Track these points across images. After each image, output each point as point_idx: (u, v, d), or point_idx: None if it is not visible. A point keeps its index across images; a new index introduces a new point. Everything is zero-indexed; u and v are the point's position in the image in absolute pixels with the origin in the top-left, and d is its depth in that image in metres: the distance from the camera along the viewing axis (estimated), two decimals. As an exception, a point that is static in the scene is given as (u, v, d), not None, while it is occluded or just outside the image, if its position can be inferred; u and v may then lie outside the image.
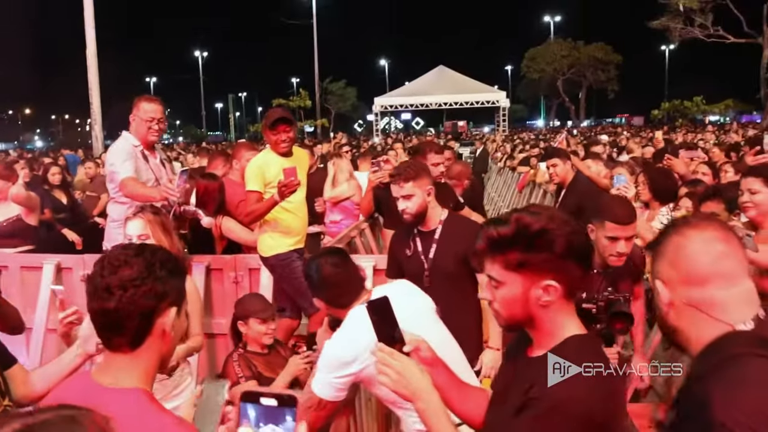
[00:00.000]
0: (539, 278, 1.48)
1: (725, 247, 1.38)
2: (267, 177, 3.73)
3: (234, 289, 4.27)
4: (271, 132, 3.76)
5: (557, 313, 1.52)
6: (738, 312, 1.35)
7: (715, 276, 1.36)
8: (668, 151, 5.18)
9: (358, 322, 2.21)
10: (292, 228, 3.89)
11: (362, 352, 2.12)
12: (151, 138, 3.86)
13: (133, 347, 1.40)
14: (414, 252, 3.18)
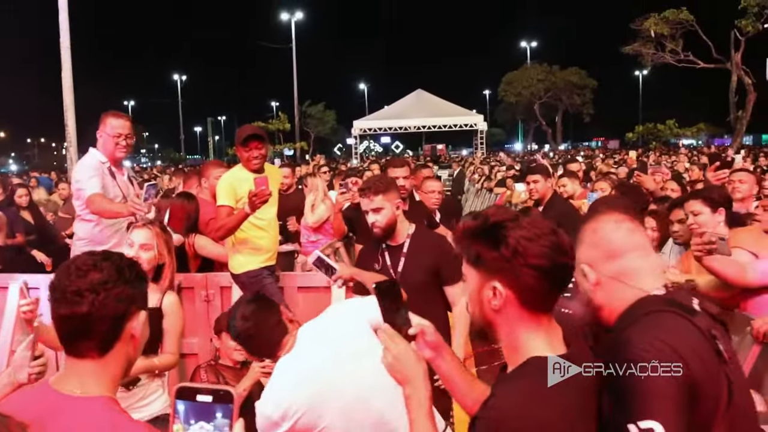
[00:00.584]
0: (488, 278, 1.43)
1: (632, 224, 1.62)
2: (238, 193, 3.72)
3: (205, 308, 4.23)
4: (242, 149, 3.76)
5: (516, 326, 1.43)
6: (651, 279, 1.57)
7: (628, 247, 1.59)
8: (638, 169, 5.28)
9: (284, 377, 2.17)
10: (263, 245, 3.88)
11: (290, 408, 2.07)
12: (118, 154, 3.83)
13: (102, 352, 1.38)
14: (383, 266, 3.20)
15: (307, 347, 2.22)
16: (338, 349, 2.19)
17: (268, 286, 3.89)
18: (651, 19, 28.45)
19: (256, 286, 3.87)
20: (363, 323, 2.30)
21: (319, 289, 4.18)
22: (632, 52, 30.51)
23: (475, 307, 1.49)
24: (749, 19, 25.60)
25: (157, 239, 2.94)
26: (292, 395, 2.08)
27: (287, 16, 39.39)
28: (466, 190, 15.62)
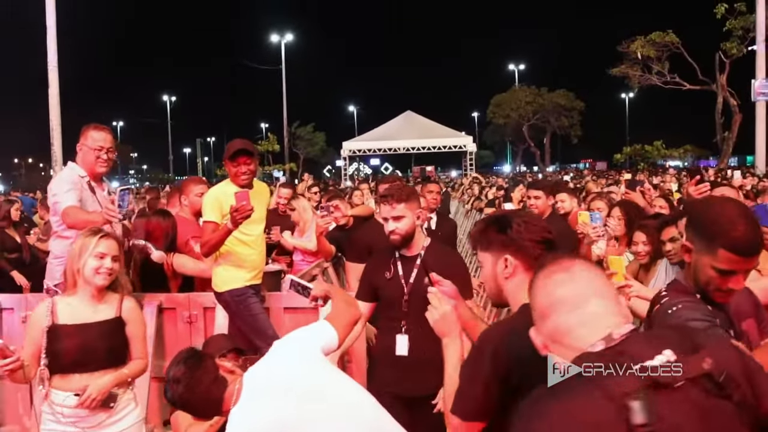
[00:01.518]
0: (501, 253, 2.00)
1: (565, 275, 1.45)
2: (225, 208, 3.61)
3: (188, 330, 4.09)
4: (231, 163, 3.67)
5: (520, 287, 1.91)
6: (585, 332, 1.38)
7: (553, 305, 1.44)
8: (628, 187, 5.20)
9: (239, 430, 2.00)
10: (248, 261, 3.76)
11: None
12: (99, 169, 3.71)
13: None
14: (394, 275, 3.17)
15: (260, 394, 2.04)
16: (295, 390, 2.02)
17: (252, 306, 3.76)
18: (638, 41, 28.78)
19: (241, 305, 3.74)
20: (313, 353, 2.16)
21: (306, 310, 4.04)
22: (619, 74, 30.82)
23: (491, 282, 2.04)
24: (734, 41, 25.97)
25: (120, 250, 2.90)
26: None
27: (277, 38, 39.57)
28: (455, 212, 15.51)
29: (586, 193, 8.95)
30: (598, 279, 1.44)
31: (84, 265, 2.77)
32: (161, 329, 4.08)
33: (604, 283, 1.45)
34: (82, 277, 2.78)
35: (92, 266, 2.77)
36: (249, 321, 3.75)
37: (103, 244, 2.80)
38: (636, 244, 3.93)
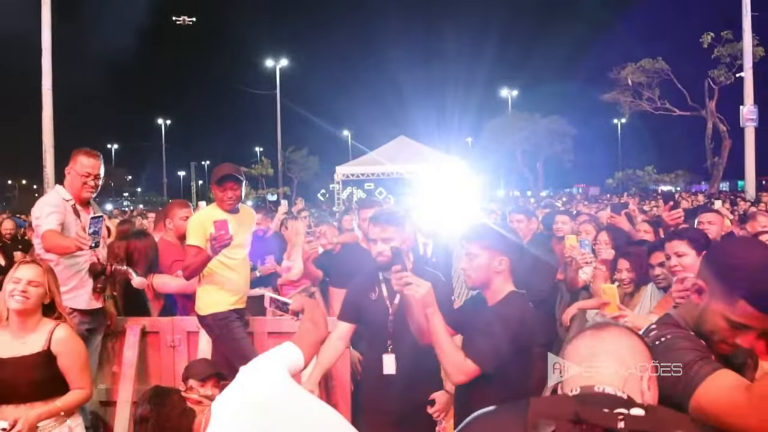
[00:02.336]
0: (498, 254, 2.65)
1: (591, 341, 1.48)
2: (208, 232, 3.62)
3: (171, 354, 4.07)
4: (218, 188, 3.69)
5: (504, 280, 2.67)
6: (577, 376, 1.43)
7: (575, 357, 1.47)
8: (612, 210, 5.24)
9: None
10: (232, 286, 3.76)
11: None
12: (84, 194, 3.72)
13: None
14: (379, 296, 3.22)
15: (227, 422, 1.99)
16: (263, 416, 1.98)
17: (235, 330, 3.75)
18: (628, 68, 29.11)
19: (224, 330, 3.74)
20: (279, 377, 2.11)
21: (291, 334, 4.00)
22: (611, 100, 31.12)
23: (482, 271, 2.66)
24: (722, 69, 26.31)
25: (48, 276, 2.87)
26: None
27: (272, 63, 39.85)
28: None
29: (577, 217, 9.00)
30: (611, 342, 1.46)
31: (4, 291, 2.80)
32: (144, 353, 4.06)
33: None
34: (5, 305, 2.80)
35: (8, 290, 2.78)
36: (232, 345, 3.73)
37: (22, 269, 2.83)
38: (620, 271, 3.95)
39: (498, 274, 2.64)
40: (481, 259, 2.64)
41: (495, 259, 2.63)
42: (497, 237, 2.70)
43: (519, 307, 2.64)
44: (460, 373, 2.50)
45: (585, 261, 4.46)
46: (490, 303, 2.69)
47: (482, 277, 2.66)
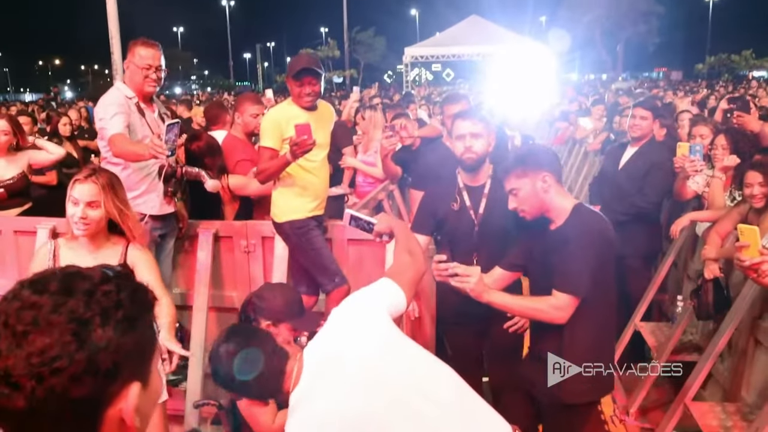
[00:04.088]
0: (539, 173, 2.41)
1: None
2: (285, 132, 3.26)
3: (245, 260, 3.86)
4: (295, 82, 3.27)
5: (557, 197, 2.44)
6: None
7: None
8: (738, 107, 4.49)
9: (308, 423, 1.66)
10: (311, 190, 3.42)
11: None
12: (147, 88, 3.35)
13: None
14: (461, 206, 3.00)
15: (327, 378, 1.71)
16: (364, 372, 1.70)
17: (314, 239, 3.46)
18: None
19: (302, 239, 3.45)
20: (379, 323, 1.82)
21: (373, 242, 3.73)
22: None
23: (532, 201, 2.43)
24: None
25: (105, 193, 2.55)
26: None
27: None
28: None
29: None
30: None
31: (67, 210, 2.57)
32: (218, 258, 3.86)
33: None
34: (70, 221, 2.58)
35: (69, 213, 2.56)
36: (311, 255, 3.46)
37: (78, 189, 2.54)
38: (750, 186, 3.36)
39: (547, 193, 2.42)
40: (524, 190, 2.42)
41: (537, 180, 2.41)
42: (524, 158, 2.49)
43: (590, 219, 2.44)
44: (561, 311, 2.36)
45: (694, 169, 3.90)
46: (556, 225, 2.47)
47: (537, 206, 2.44)
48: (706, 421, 3.20)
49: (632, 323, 4.36)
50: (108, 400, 0.82)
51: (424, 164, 4.27)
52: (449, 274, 2.33)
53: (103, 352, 0.80)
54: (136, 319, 0.85)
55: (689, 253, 4.29)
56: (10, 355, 0.77)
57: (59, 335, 0.77)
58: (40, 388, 0.76)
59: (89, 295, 0.82)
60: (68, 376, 0.77)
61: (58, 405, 0.77)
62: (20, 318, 0.78)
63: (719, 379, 3.78)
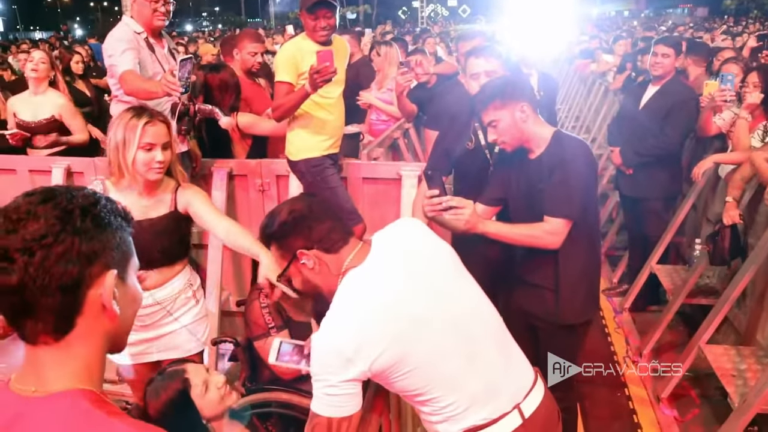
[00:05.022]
0: (515, 105, 2.38)
1: None
2: (300, 67, 3.17)
3: (260, 198, 3.84)
4: (309, 16, 3.15)
5: (534, 125, 2.44)
6: None
7: None
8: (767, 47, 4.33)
9: (360, 299, 1.65)
10: (326, 128, 3.36)
11: (370, 341, 1.58)
12: (156, 23, 3.24)
13: (57, 335, 0.97)
14: (476, 145, 2.92)
15: (390, 265, 1.72)
16: (427, 273, 1.75)
17: (329, 178, 3.42)
18: None
19: (317, 177, 3.40)
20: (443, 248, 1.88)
21: (388, 180, 3.70)
22: None
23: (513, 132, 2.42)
24: None
25: (170, 133, 2.47)
26: (375, 325, 1.60)
27: None
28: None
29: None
30: None
31: (133, 158, 2.38)
32: (233, 196, 3.85)
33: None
34: (131, 171, 2.41)
35: (142, 160, 2.39)
36: (326, 194, 3.42)
37: (150, 131, 2.38)
38: None
39: (526, 123, 2.41)
40: (504, 121, 2.41)
41: (515, 111, 2.39)
42: (502, 89, 2.44)
43: (573, 144, 2.46)
44: (554, 236, 2.39)
45: (723, 99, 3.76)
46: (536, 154, 2.47)
47: (517, 136, 2.43)
48: (719, 364, 3.20)
49: (648, 266, 4.34)
50: (88, 281, 0.96)
51: (439, 103, 4.17)
52: (443, 208, 2.29)
53: (83, 237, 0.94)
54: (111, 220, 0.99)
55: (710, 196, 4.22)
56: (8, 236, 0.92)
57: (46, 220, 0.93)
58: (31, 263, 0.91)
59: (71, 193, 0.98)
60: (54, 253, 0.92)
61: (45, 279, 0.92)
62: (16, 210, 0.94)
63: (735, 323, 3.78)
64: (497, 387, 1.74)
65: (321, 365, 1.60)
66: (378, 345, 1.57)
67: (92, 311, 0.98)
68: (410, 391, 1.69)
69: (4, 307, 0.95)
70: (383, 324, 1.60)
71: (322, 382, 1.59)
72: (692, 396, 3.53)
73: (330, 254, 1.73)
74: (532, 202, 2.45)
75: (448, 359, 1.67)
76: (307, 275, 1.76)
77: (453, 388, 1.68)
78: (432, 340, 1.65)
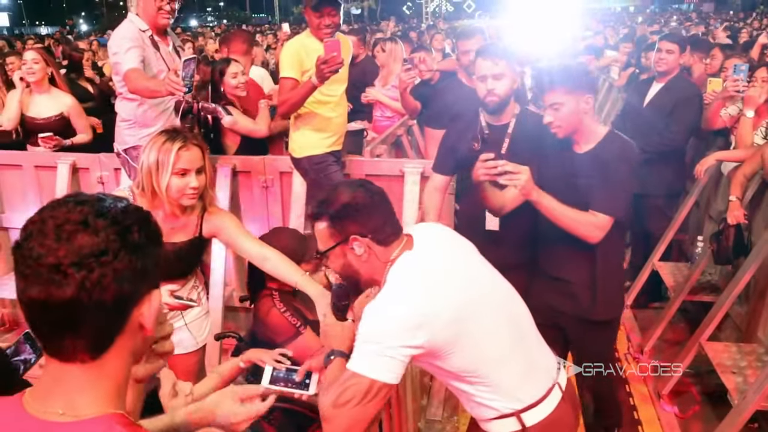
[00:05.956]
0: (582, 95, 2.43)
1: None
2: (305, 64, 3.19)
3: (263, 195, 3.87)
4: (314, 13, 3.18)
5: (591, 120, 2.51)
6: None
7: None
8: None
9: (418, 267, 1.72)
10: (329, 126, 3.38)
11: (437, 313, 1.61)
12: (161, 21, 3.26)
13: (95, 353, 0.92)
14: (482, 147, 2.82)
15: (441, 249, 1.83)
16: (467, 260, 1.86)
17: (332, 175, 3.45)
18: None
19: (320, 174, 3.43)
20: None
21: (390, 177, 3.71)
22: None
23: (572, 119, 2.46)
24: None
25: (205, 155, 2.38)
26: (441, 295, 1.65)
27: None
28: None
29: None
30: None
31: (167, 184, 2.29)
32: (236, 194, 3.87)
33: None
34: (165, 195, 2.32)
35: (176, 186, 2.30)
36: (328, 191, 3.45)
37: (185, 157, 2.28)
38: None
39: (586, 115, 2.47)
40: (568, 107, 2.44)
41: (581, 101, 2.44)
42: (577, 76, 2.49)
43: (627, 145, 2.52)
44: (597, 230, 2.42)
45: (736, 89, 3.71)
46: (583, 149, 2.53)
47: (573, 125, 2.48)
48: (720, 361, 3.21)
49: (650, 263, 4.34)
50: (137, 299, 0.94)
51: (440, 102, 4.17)
52: (498, 172, 2.31)
53: (139, 253, 0.91)
54: (159, 238, 0.98)
55: (712, 193, 4.22)
56: (60, 248, 0.86)
57: (105, 235, 0.88)
58: (88, 279, 0.86)
59: (126, 207, 0.94)
60: (112, 269, 0.88)
61: (100, 296, 0.87)
62: (68, 219, 0.88)
63: (736, 320, 3.79)
64: (537, 364, 1.85)
65: (382, 330, 1.61)
66: (443, 314, 1.62)
67: (131, 330, 0.94)
68: (461, 370, 1.73)
69: (44, 320, 0.89)
70: (449, 295, 1.66)
71: (378, 344, 1.60)
72: (693, 393, 3.54)
73: (380, 246, 1.75)
74: (569, 193, 2.45)
75: (498, 337, 1.76)
76: (351, 260, 1.77)
77: (501, 365, 1.75)
78: (487, 316, 1.74)
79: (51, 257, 0.86)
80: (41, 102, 4.26)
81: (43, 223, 0.88)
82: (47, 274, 0.85)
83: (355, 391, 1.59)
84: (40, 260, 0.86)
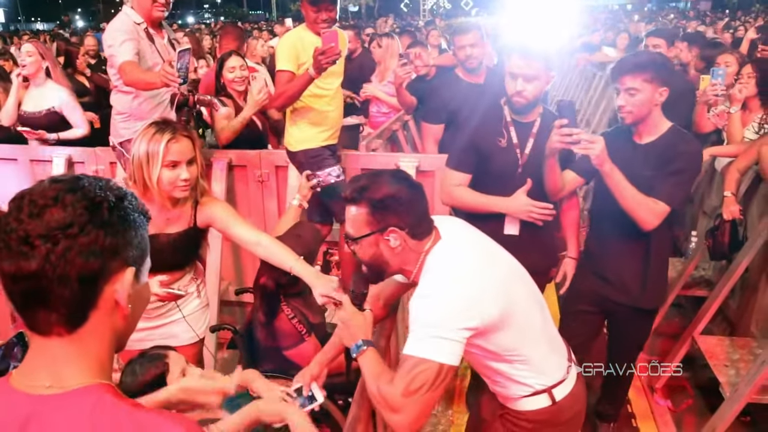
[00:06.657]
0: (659, 86, 2.45)
1: None
2: (301, 57, 3.20)
3: (259, 189, 3.87)
4: (311, 8, 3.19)
5: (658, 113, 2.52)
6: None
7: None
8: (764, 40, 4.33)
9: (460, 254, 1.77)
10: (325, 120, 3.39)
11: (486, 288, 1.69)
12: (156, 13, 3.25)
13: (70, 327, 0.94)
14: (508, 142, 2.75)
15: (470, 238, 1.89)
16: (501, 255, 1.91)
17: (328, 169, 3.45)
18: None
19: (315, 167, 3.44)
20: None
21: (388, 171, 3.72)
22: None
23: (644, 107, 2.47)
24: None
25: (196, 146, 2.36)
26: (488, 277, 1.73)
27: None
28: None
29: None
30: None
31: (158, 176, 2.29)
32: (232, 188, 3.88)
33: None
34: (156, 187, 2.32)
35: (167, 178, 2.29)
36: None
37: (174, 149, 2.27)
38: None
39: (657, 106, 2.49)
40: (644, 94, 2.45)
41: (657, 92, 2.45)
42: (662, 65, 2.49)
43: (692, 139, 2.56)
44: (655, 217, 2.43)
45: (714, 94, 3.74)
46: (645, 140, 2.55)
47: (644, 112, 2.49)
48: (713, 354, 3.24)
49: (645, 257, 4.35)
50: (107, 275, 0.94)
51: (437, 97, 4.16)
52: (573, 140, 2.35)
53: (108, 230, 0.92)
54: (135, 217, 0.97)
55: (706, 189, 4.24)
56: (31, 221, 0.89)
57: (73, 209, 0.90)
58: (53, 252, 0.88)
59: (99, 184, 0.95)
60: (78, 243, 0.89)
61: (65, 270, 0.89)
62: (42, 195, 0.91)
63: (729, 314, 3.81)
64: (558, 342, 1.96)
65: (440, 315, 1.64)
66: (490, 292, 1.69)
67: (106, 307, 0.95)
68: (504, 349, 1.78)
69: (16, 292, 0.91)
70: (490, 274, 1.74)
71: (439, 329, 1.62)
72: (686, 386, 3.57)
73: (414, 240, 1.77)
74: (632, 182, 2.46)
75: (533, 314, 1.84)
76: (383, 250, 1.78)
77: (536, 342, 1.84)
78: (521, 294, 1.82)
79: (21, 230, 0.88)
80: (34, 96, 4.26)
81: (21, 200, 0.92)
82: (17, 247, 0.88)
83: (426, 377, 1.61)
84: (11, 234, 0.89)
